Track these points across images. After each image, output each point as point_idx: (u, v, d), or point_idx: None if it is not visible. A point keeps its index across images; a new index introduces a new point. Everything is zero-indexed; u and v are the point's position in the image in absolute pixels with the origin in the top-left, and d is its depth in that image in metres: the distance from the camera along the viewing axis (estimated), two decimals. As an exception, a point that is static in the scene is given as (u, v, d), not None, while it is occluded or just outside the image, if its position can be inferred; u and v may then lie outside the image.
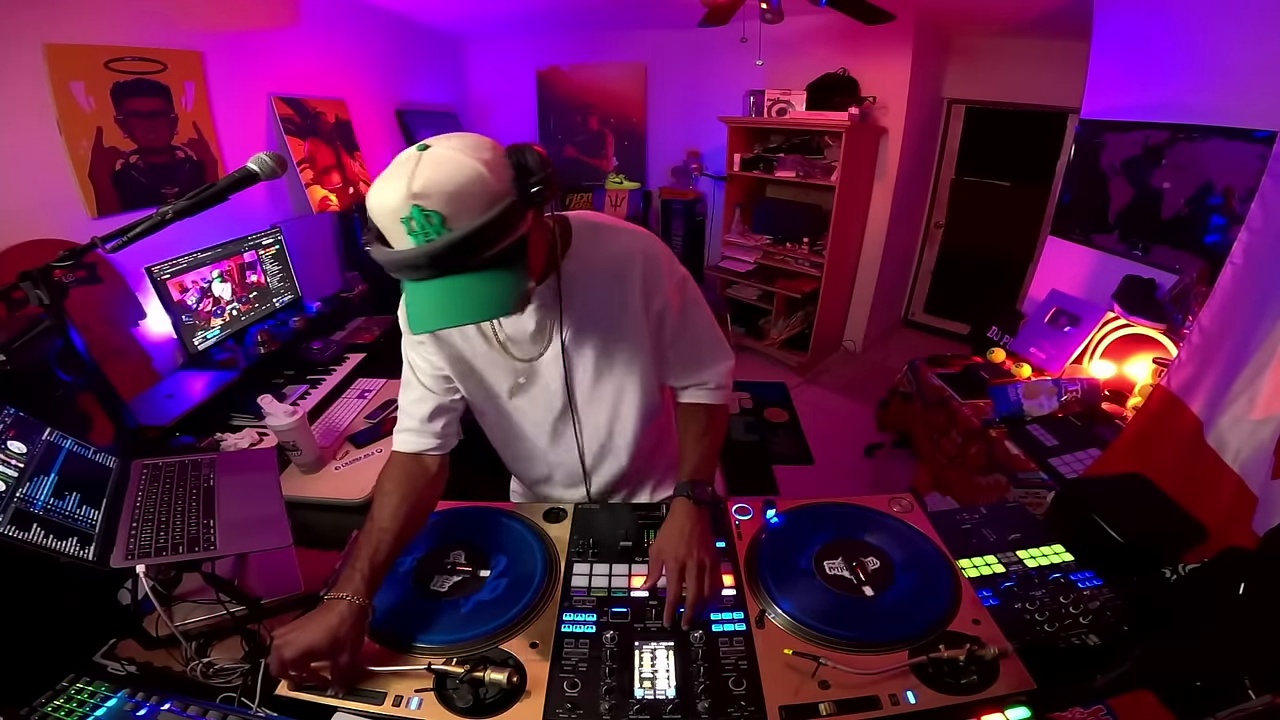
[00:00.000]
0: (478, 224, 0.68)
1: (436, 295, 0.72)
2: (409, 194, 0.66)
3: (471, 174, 0.69)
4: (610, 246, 0.96)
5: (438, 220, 0.67)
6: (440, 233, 0.68)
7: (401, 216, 0.67)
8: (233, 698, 0.83)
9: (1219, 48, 2.08)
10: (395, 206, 0.68)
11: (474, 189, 0.69)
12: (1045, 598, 0.94)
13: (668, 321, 1.01)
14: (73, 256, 1.04)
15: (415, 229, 0.68)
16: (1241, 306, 1.46)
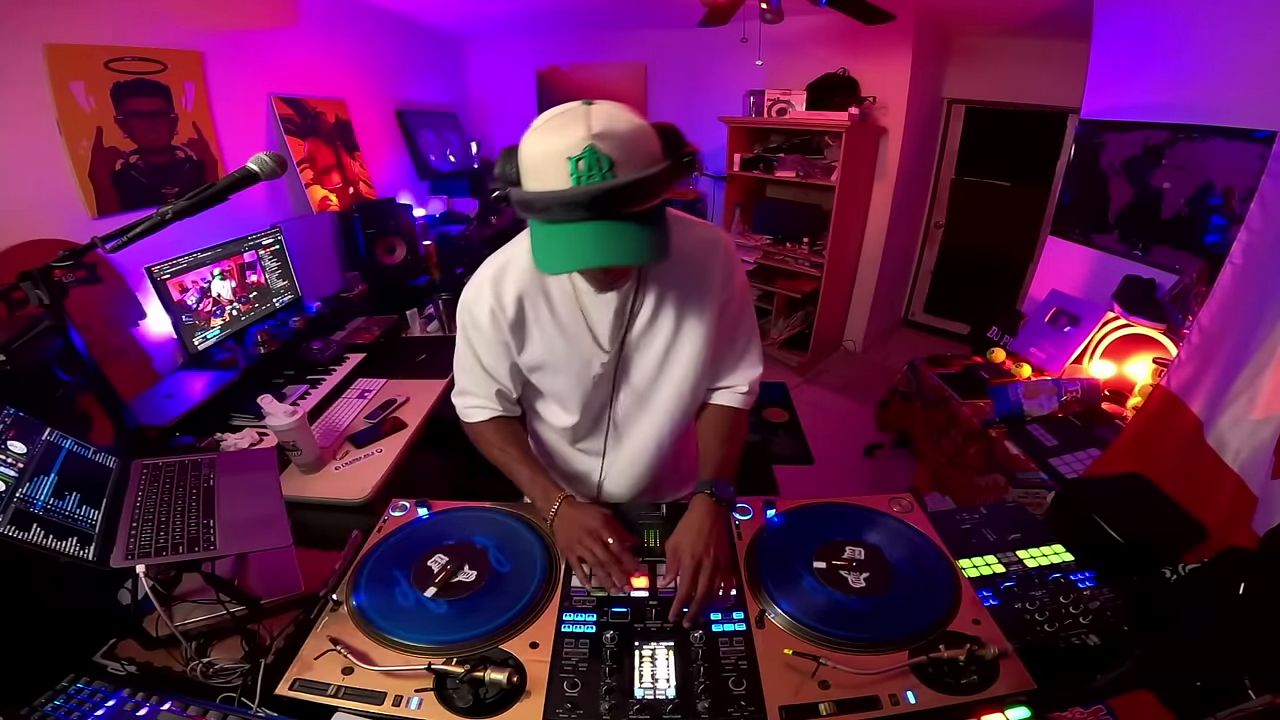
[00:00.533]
0: (644, 174, 0.71)
1: (585, 236, 0.73)
2: (589, 134, 0.69)
3: (641, 129, 0.73)
4: (694, 232, 1.00)
5: (607, 164, 0.69)
6: (608, 177, 0.70)
7: (571, 156, 0.69)
8: (233, 698, 0.83)
9: (1219, 47, 2.08)
10: (569, 145, 0.69)
11: (642, 142, 0.73)
12: (1045, 598, 0.94)
13: (727, 315, 1.05)
14: (73, 256, 1.04)
15: (582, 169, 0.69)
16: (1241, 306, 1.46)
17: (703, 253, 1.00)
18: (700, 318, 1.02)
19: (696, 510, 0.99)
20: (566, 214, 0.73)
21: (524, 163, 0.75)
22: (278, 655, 0.86)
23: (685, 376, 1.06)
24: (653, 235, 0.76)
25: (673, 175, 0.77)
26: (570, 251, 0.74)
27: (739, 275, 1.05)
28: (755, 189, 4.21)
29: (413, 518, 1.09)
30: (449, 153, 3.85)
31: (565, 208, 0.72)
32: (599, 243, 0.73)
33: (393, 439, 1.74)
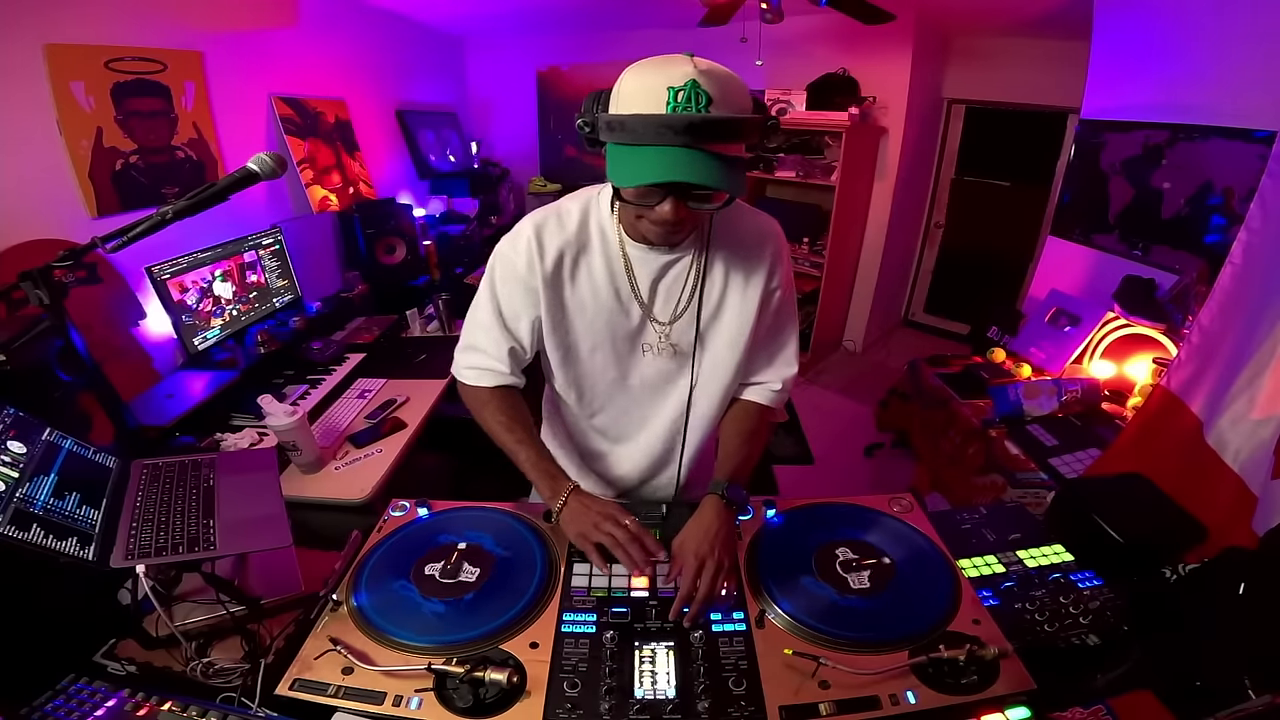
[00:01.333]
0: (737, 115, 0.76)
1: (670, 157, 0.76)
2: (695, 70, 0.74)
3: (738, 80, 0.78)
4: (751, 218, 1.03)
5: (705, 99, 0.73)
6: (704, 111, 0.74)
7: (672, 87, 0.73)
8: (233, 698, 0.83)
9: (1219, 47, 2.08)
10: (673, 76, 0.74)
11: (738, 90, 0.78)
12: (1045, 598, 0.94)
13: (772, 305, 1.05)
14: (73, 256, 1.04)
15: (681, 100, 0.73)
16: (1241, 306, 1.46)
17: (758, 237, 1.02)
18: (751, 303, 1.02)
19: (706, 510, 0.99)
20: (657, 136, 0.76)
21: (622, 91, 0.79)
22: (278, 655, 0.86)
23: (731, 362, 1.06)
24: (734, 172, 0.78)
25: (757, 128, 0.80)
26: (654, 167, 0.76)
27: (787, 267, 1.06)
28: (755, 189, 4.21)
29: (413, 518, 1.09)
30: (449, 153, 3.85)
31: (658, 130, 0.75)
32: (685, 163, 0.75)
33: (393, 439, 1.74)
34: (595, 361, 1.06)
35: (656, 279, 1.00)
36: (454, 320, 2.59)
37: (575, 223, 0.99)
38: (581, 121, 0.83)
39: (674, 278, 1.01)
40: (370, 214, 2.83)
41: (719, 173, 0.76)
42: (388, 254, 2.88)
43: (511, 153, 4.49)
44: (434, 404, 1.95)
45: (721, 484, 1.02)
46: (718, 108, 0.74)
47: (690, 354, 1.05)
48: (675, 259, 0.99)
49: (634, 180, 0.79)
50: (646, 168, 0.77)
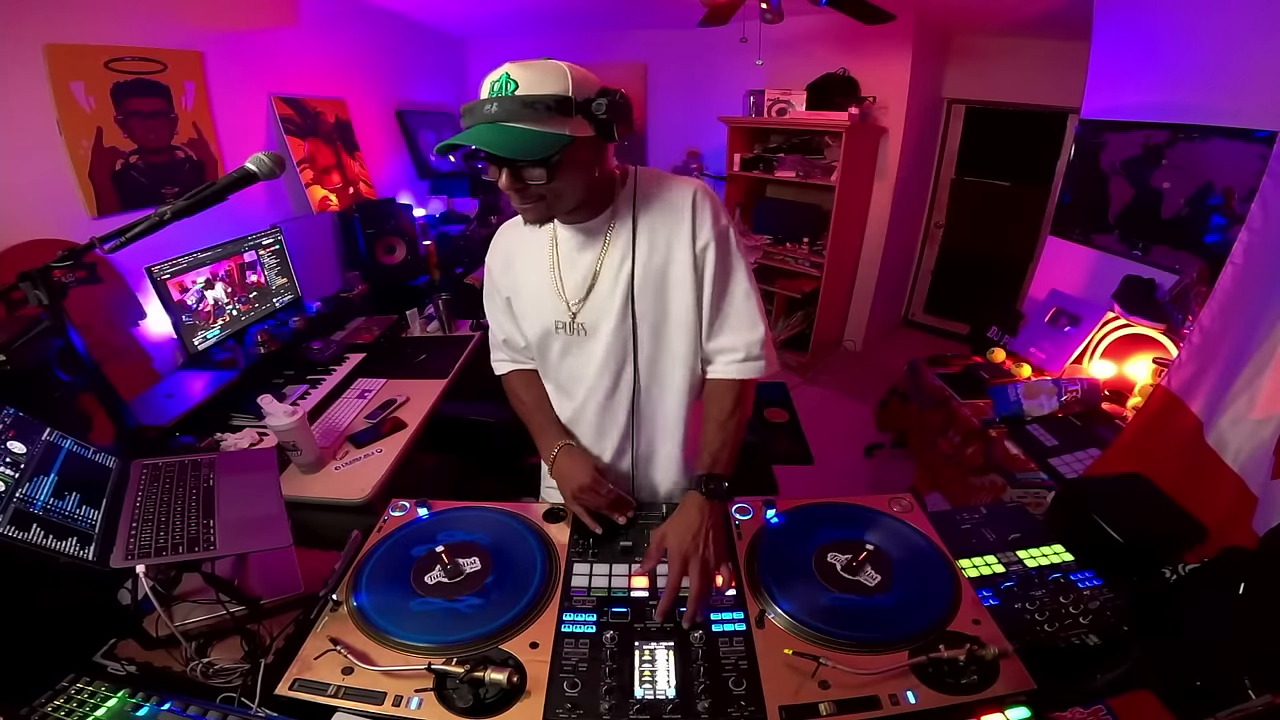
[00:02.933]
0: (534, 93, 0.84)
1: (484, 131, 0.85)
2: (513, 64, 0.86)
3: (556, 69, 0.87)
4: (669, 184, 1.04)
5: (513, 86, 0.84)
6: (507, 93, 0.84)
7: (493, 79, 0.86)
8: (233, 698, 0.83)
9: (1219, 47, 2.08)
10: (497, 74, 0.86)
11: (551, 76, 0.86)
12: (1045, 598, 0.94)
13: (708, 264, 1.01)
14: (72, 256, 1.04)
15: (495, 89, 0.85)
16: (1242, 306, 1.46)
17: (674, 198, 1.01)
18: (684, 265, 1.00)
19: (686, 506, 0.99)
20: (471, 117, 0.86)
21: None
22: (278, 655, 0.86)
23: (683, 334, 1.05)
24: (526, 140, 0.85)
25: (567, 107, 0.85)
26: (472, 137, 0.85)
27: (719, 221, 1.01)
28: (755, 189, 4.21)
29: (413, 518, 1.09)
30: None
31: (472, 113, 0.86)
32: (477, 134, 0.85)
33: (393, 439, 1.74)
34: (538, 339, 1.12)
35: (575, 260, 1.05)
36: (454, 320, 2.59)
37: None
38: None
39: (587, 256, 1.04)
40: (370, 214, 2.83)
41: (510, 141, 0.84)
42: (388, 254, 2.88)
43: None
44: (434, 404, 1.95)
45: (701, 477, 1.01)
46: (524, 88, 0.84)
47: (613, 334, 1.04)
48: (588, 238, 1.03)
49: (438, 151, 0.89)
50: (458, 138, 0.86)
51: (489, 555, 0.99)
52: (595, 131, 0.89)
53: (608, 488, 1.06)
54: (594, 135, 0.89)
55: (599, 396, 1.10)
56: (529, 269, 1.09)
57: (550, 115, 0.85)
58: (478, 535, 1.04)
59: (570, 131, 0.87)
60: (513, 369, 1.23)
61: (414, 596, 0.92)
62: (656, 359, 1.07)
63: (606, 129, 0.89)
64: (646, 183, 1.03)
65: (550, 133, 0.86)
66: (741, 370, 1.06)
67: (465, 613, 0.88)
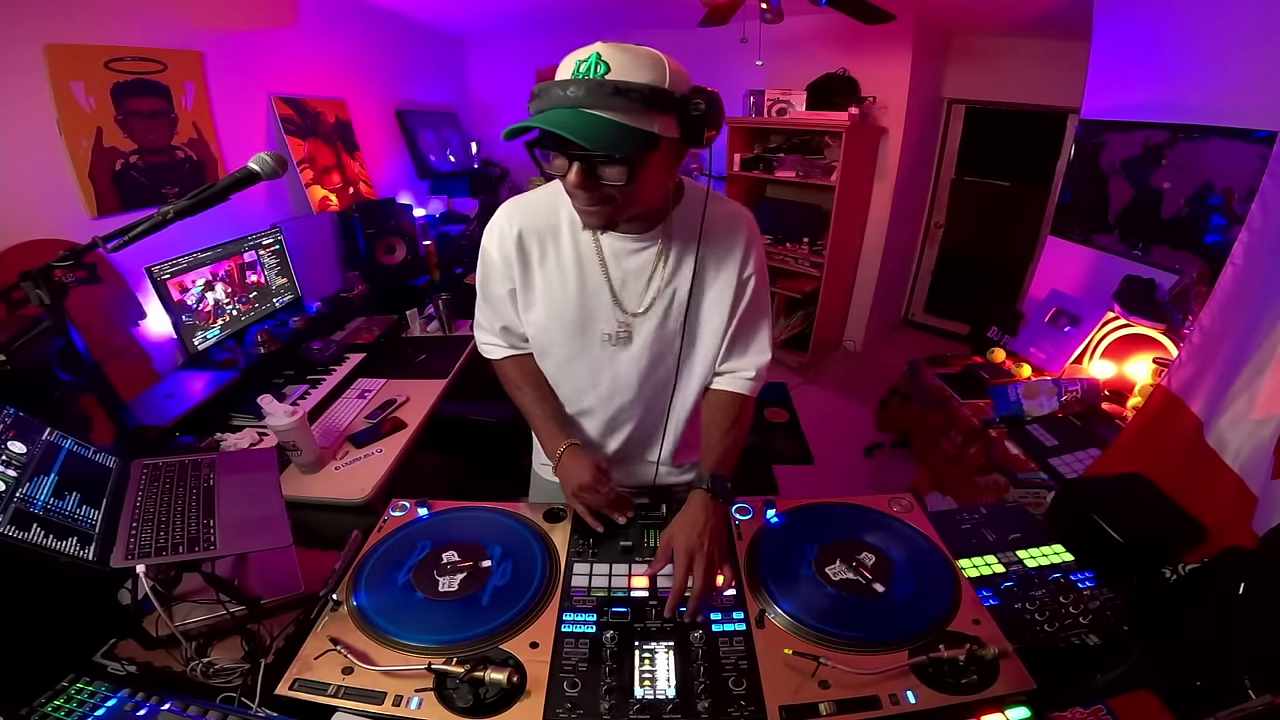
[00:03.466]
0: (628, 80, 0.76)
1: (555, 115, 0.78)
2: (604, 44, 0.78)
3: (654, 57, 0.79)
4: (723, 205, 1.03)
5: (604, 68, 0.76)
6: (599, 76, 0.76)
7: (580, 59, 0.78)
8: (233, 698, 0.83)
9: (1219, 48, 2.08)
10: (584, 52, 0.78)
11: (646, 63, 0.78)
12: (1045, 598, 0.94)
13: (746, 293, 1.05)
14: (73, 256, 1.04)
15: (584, 70, 0.77)
16: (1242, 306, 1.46)
17: (730, 226, 1.03)
18: (726, 289, 1.03)
19: (693, 505, 1.00)
20: (553, 100, 0.78)
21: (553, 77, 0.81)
22: (278, 655, 0.86)
23: (708, 350, 1.08)
24: (613, 132, 0.77)
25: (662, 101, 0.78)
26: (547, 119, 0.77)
27: (761, 252, 1.06)
28: (755, 189, 4.21)
29: (413, 518, 1.09)
30: (449, 153, 3.84)
31: (554, 94, 0.77)
32: (561, 118, 0.77)
33: (393, 439, 1.74)
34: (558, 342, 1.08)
35: (625, 268, 1.01)
36: (454, 320, 2.59)
37: (545, 207, 1.02)
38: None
39: (640, 268, 1.01)
40: (370, 214, 2.83)
41: (594, 131, 0.76)
42: (388, 254, 2.88)
43: (511, 153, 4.48)
44: (434, 404, 1.95)
45: (706, 477, 1.02)
46: (617, 73, 0.76)
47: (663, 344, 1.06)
48: (642, 248, 1.00)
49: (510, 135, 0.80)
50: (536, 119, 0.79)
51: (489, 555, 0.99)
52: (682, 134, 0.82)
53: (609, 487, 1.04)
54: (680, 138, 0.83)
55: (613, 404, 1.11)
56: (561, 268, 1.02)
57: (643, 108, 0.77)
58: (478, 535, 1.04)
59: (660, 130, 0.79)
60: (509, 354, 1.16)
61: (414, 596, 0.92)
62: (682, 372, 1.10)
63: (696, 132, 0.82)
64: (698, 195, 1.01)
65: (640, 129, 0.78)
66: (748, 388, 1.12)
67: (465, 612, 0.88)
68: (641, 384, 1.09)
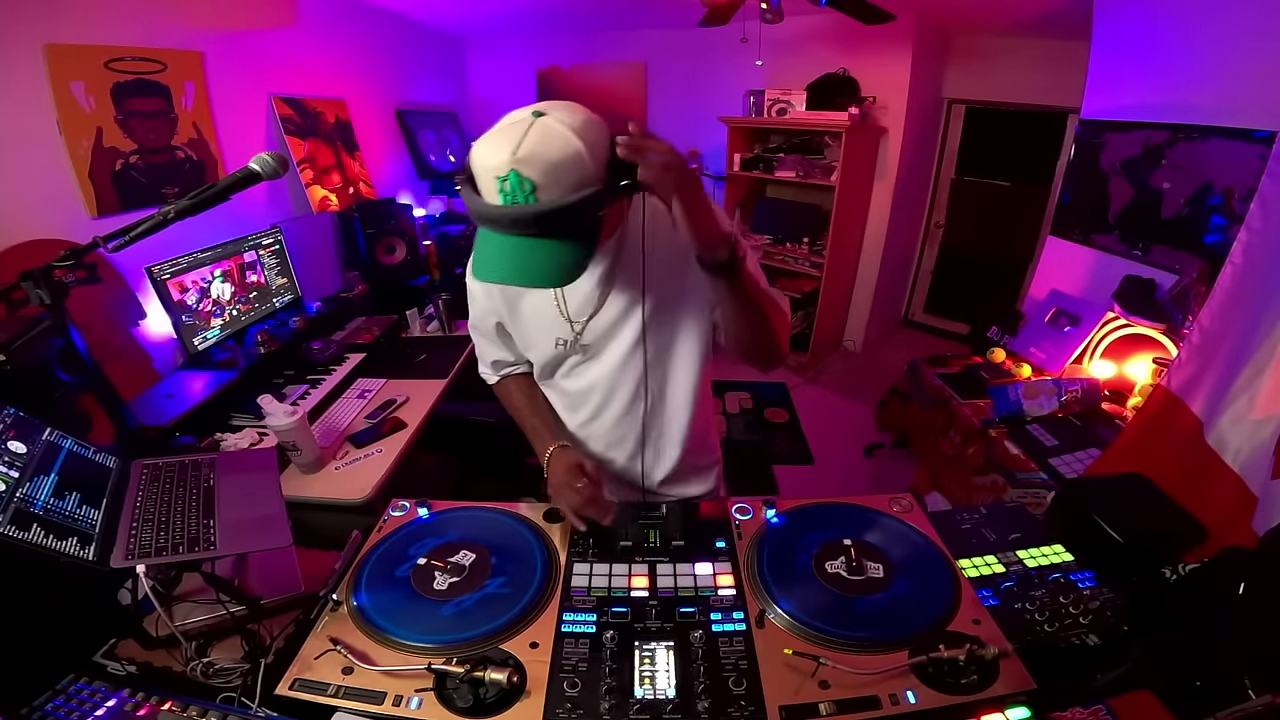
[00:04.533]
0: (562, 202, 0.73)
1: (505, 251, 0.77)
2: (512, 159, 0.71)
3: (572, 153, 0.73)
4: None
5: (529, 187, 0.72)
6: (529, 200, 0.73)
7: (498, 176, 0.73)
8: (233, 698, 0.83)
9: (1219, 48, 2.08)
10: (496, 166, 0.72)
11: (570, 167, 0.73)
12: (1045, 598, 0.94)
13: None
14: (74, 256, 1.04)
15: (507, 190, 0.73)
16: (1242, 306, 1.46)
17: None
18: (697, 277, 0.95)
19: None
20: (493, 226, 0.77)
21: (471, 167, 0.77)
22: (278, 655, 0.86)
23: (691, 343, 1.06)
24: (573, 255, 0.77)
25: (598, 202, 0.76)
26: (493, 262, 0.78)
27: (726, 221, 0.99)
28: (755, 189, 4.21)
29: (413, 518, 1.09)
30: (449, 153, 3.84)
31: (490, 221, 0.77)
32: (513, 259, 0.77)
33: (393, 439, 1.74)
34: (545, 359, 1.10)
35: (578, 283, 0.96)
36: (454, 320, 2.59)
37: None
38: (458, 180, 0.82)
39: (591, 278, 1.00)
40: (370, 214, 2.83)
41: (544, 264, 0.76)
42: (388, 254, 2.88)
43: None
44: (434, 404, 1.95)
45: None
46: (544, 192, 0.72)
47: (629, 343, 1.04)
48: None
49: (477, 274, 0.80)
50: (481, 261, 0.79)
51: (489, 555, 0.99)
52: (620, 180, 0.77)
53: (584, 485, 1.02)
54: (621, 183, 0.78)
55: (613, 410, 1.12)
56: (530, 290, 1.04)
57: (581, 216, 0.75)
58: (478, 535, 1.04)
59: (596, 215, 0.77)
60: (505, 375, 1.23)
61: (414, 596, 0.92)
62: (667, 369, 1.09)
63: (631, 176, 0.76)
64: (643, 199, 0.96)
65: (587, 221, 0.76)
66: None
67: (465, 612, 0.88)
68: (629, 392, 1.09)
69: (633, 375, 1.07)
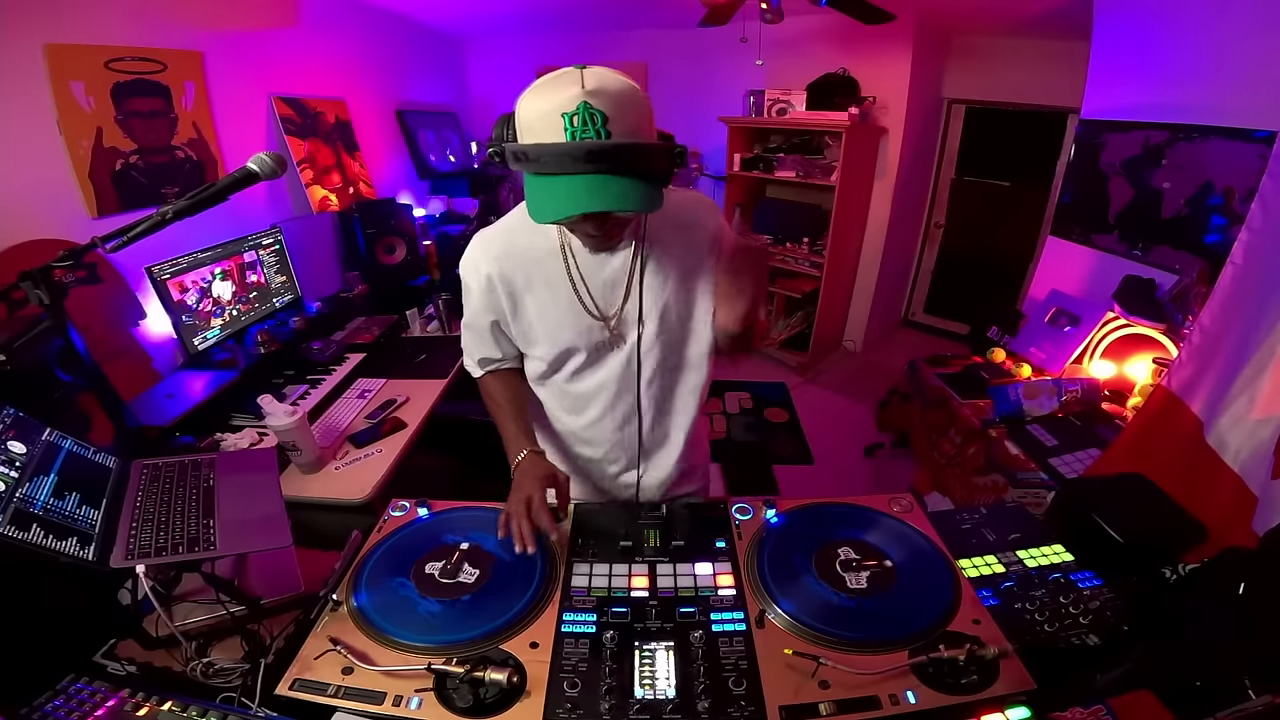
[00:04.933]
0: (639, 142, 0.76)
1: (577, 187, 0.76)
2: (582, 91, 0.72)
3: (631, 90, 0.76)
4: (677, 196, 1.00)
5: (600, 119, 0.73)
6: (602, 134, 0.73)
7: (566, 113, 0.73)
8: (233, 698, 0.83)
9: (1219, 47, 2.08)
10: (564, 101, 0.73)
11: (633, 104, 0.76)
12: (1045, 598, 0.94)
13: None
14: (73, 256, 1.04)
15: (577, 125, 0.73)
16: (1242, 306, 1.46)
17: (692, 216, 1.04)
18: (705, 277, 1.05)
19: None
20: (560, 166, 0.76)
21: (521, 121, 0.78)
22: (278, 655, 0.86)
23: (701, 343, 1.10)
24: (644, 187, 0.78)
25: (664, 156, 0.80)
26: (567, 200, 0.77)
27: (728, 231, 1.07)
28: (755, 189, 4.21)
29: (413, 518, 1.09)
30: (449, 153, 3.85)
31: (560, 159, 0.75)
32: (592, 191, 0.76)
33: (393, 439, 1.74)
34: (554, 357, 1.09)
35: (599, 276, 1.02)
36: (454, 320, 2.59)
37: (522, 234, 1.03)
38: (492, 151, 0.82)
39: (614, 273, 1.03)
40: (370, 214, 2.83)
41: (631, 192, 0.76)
42: (388, 254, 2.88)
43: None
44: (434, 404, 1.95)
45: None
46: (615, 124, 0.74)
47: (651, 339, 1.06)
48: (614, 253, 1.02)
49: (548, 217, 0.80)
50: (561, 201, 0.77)
51: (489, 555, 0.99)
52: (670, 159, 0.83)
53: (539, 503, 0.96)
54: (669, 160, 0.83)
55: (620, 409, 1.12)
56: (538, 286, 1.04)
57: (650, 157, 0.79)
58: (478, 535, 1.03)
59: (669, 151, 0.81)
60: (488, 371, 1.19)
61: (414, 596, 0.92)
62: (676, 367, 1.12)
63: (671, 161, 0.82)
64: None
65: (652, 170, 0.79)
66: None
67: (465, 612, 0.88)
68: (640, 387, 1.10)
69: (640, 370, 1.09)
